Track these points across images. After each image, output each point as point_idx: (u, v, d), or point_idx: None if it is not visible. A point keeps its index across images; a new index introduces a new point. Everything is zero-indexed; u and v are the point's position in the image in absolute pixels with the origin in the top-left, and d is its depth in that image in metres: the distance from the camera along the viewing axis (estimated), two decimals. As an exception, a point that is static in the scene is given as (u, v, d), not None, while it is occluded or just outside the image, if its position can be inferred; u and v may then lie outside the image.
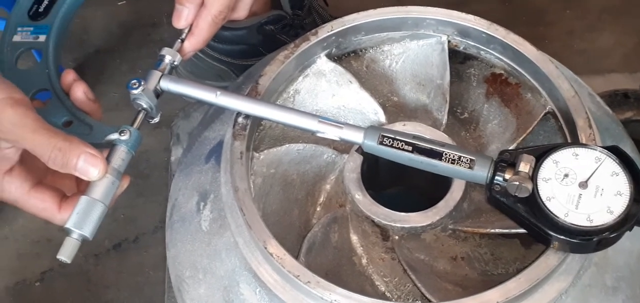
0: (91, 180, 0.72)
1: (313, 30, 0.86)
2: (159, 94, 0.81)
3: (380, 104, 0.87)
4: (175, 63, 0.83)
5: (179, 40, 0.85)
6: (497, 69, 0.88)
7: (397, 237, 0.81)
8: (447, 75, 0.86)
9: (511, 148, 0.80)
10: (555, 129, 0.83)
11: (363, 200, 0.81)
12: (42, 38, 0.84)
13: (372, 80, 0.91)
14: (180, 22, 0.85)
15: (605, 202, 0.68)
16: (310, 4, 1.32)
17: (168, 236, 0.84)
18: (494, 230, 0.78)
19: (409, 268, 0.77)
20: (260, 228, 0.72)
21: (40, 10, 0.86)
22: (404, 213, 0.79)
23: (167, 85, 0.80)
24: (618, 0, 1.57)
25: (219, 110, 0.88)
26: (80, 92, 0.79)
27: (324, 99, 0.88)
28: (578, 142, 0.76)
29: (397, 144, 0.74)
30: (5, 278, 1.28)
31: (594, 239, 0.67)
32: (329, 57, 0.87)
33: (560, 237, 0.68)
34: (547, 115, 0.83)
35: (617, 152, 0.70)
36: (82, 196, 0.72)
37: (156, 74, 0.81)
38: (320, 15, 1.33)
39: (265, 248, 0.71)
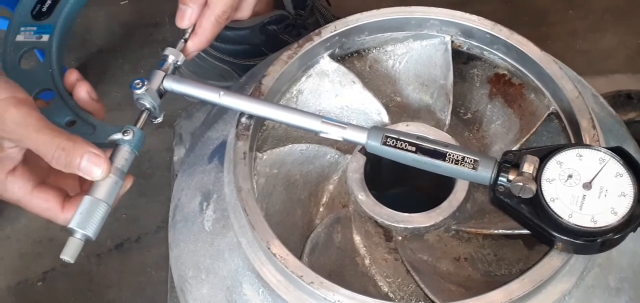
0: (94, 180, 0.72)
1: (316, 31, 0.86)
2: (162, 93, 0.81)
3: (383, 104, 0.87)
4: (179, 63, 0.83)
5: (182, 40, 0.85)
6: (501, 70, 0.87)
7: (400, 238, 0.80)
8: (450, 75, 0.86)
9: (515, 149, 0.80)
10: (559, 130, 0.83)
11: (366, 201, 0.80)
12: (45, 38, 0.84)
13: (375, 81, 0.91)
14: (184, 22, 0.85)
15: (609, 203, 0.68)
16: (313, 4, 1.32)
17: (171, 236, 0.84)
18: (497, 231, 0.78)
19: (412, 269, 0.77)
20: (263, 229, 0.72)
21: (44, 9, 0.86)
22: (407, 214, 0.79)
23: (171, 85, 0.80)
24: (621, 1, 1.56)
25: (222, 110, 0.88)
26: (83, 92, 0.79)
27: (327, 99, 0.88)
28: (582, 143, 0.76)
29: (401, 145, 0.74)
30: (7, 278, 1.27)
31: (598, 240, 0.67)
32: (332, 57, 0.87)
33: (564, 238, 0.68)
34: (550, 115, 0.83)
35: (621, 153, 0.70)
36: (85, 196, 0.72)
37: (159, 73, 0.81)
38: (323, 15, 1.33)
39: (268, 248, 0.71)
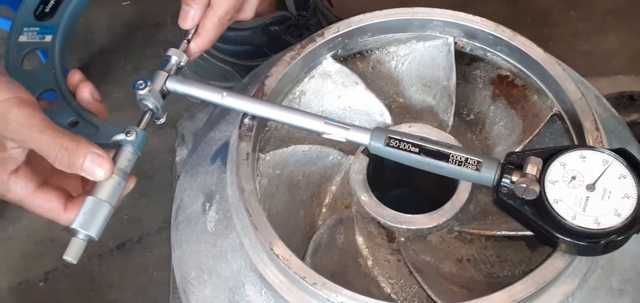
0: (97, 181, 0.72)
1: (319, 31, 0.86)
2: (165, 94, 0.81)
3: (386, 105, 0.87)
4: (182, 64, 0.83)
5: (185, 40, 0.85)
6: (504, 71, 0.87)
7: (403, 239, 0.80)
8: (453, 76, 0.86)
9: (518, 150, 0.80)
10: (562, 131, 0.83)
11: (369, 202, 0.80)
12: (48, 38, 0.84)
13: (378, 82, 0.90)
14: (187, 22, 0.85)
15: (612, 204, 0.68)
16: (315, 4, 1.32)
17: (173, 237, 0.84)
18: (500, 233, 0.78)
19: (415, 270, 0.77)
20: (266, 230, 0.72)
21: (47, 10, 0.86)
22: (410, 215, 0.79)
23: (174, 85, 0.80)
24: (623, 2, 1.56)
25: (225, 111, 0.88)
26: (86, 93, 0.79)
27: (330, 100, 0.88)
28: (585, 145, 0.76)
29: (404, 146, 0.74)
30: (9, 278, 1.27)
31: (601, 242, 0.67)
32: (335, 58, 0.87)
33: (567, 239, 0.68)
34: (553, 117, 0.83)
35: (624, 155, 0.70)
36: (88, 196, 0.72)
37: (162, 74, 0.81)
38: (325, 16, 1.33)
39: (271, 249, 0.71)
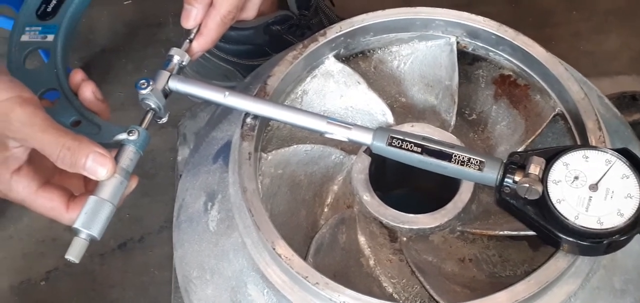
0: (100, 180, 0.72)
1: (321, 31, 0.86)
2: (167, 94, 0.81)
3: (388, 105, 0.87)
4: (184, 63, 0.83)
5: (187, 40, 0.85)
6: (506, 71, 0.87)
7: (405, 239, 0.80)
8: (455, 76, 0.86)
9: (520, 150, 0.80)
10: (564, 131, 0.83)
11: (371, 202, 0.80)
12: (50, 38, 0.84)
13: (380, 81, 0.90)
14: (189, 22, 0.85)
15: (615, 204, 0.68)
16: (317, 4, 1.32)
17: (175, 236, 0.84)
18: (503, 232, 0.78)
19: (417, 270, 0.77)
20: (268, 229, 0.72)
21: (49, 9, 0.86)
22: (412, 215, 0.79)
23: (176, 85, 0.80)
24: (624, 2, 1.56)
25: (227, 110, 0.87)
26: (88, 92, 0.79)
27: (332, 100, 0.88)
28: (588, 145, 0.76)
29: (406, 146, 0.74)
30: (10, 278, 1.27)
31: (604, 242, 0.67)
32: (337, 57, 0.87)
33: (570, 239, 0.68)
34: (556, 117, 0.83)
35: (627, 155, 0.70)
36: (90, 196, 0.72)
37: (165, 74, 0.81)
38: (327, 16, 1.33)
39: (273, 249, 0.71)
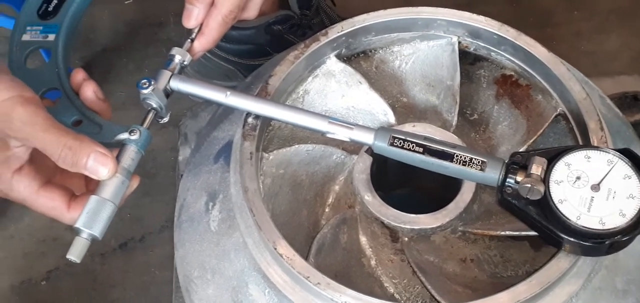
0: (101, 180, 0.72)
1: (323, 31, 0.85)
2: (168, 93, 0.81)
3: (389, 105, 0.87)
4: (185, 63, 0.83)
5: (189, 40, 0.85)
6: (508, 71, 0.87)
7: (406, 239, 0.80)
8: (457, 76, 0.86)
9: (522, 150, 0.80)
10: (566, 131, 0.83)
11: (372, 202, 0.80)
12: (51, 37, 0.84)
13: (381, 81, 0.90)
14: (191, 21, 0.85)
15: (617, 205, 0.68)
16: (318, 4, 1.32)
17: (176, 236, 0.84)
18: (504, 233, 0.78)
19: (419, 270, 0.77)
20: (270, 229, 0.72)
21: (50, 9, 0.86)
22: (413, 215, 0.79)
23: (177, 85, 0.80)
24: (626, 2, 1.56)
25: (228, 110, 0.87)
26: (90, 92, 0.79)
27: (334, 100, 0.88)
28: (590, 145, 0.75)
29: (408, 146, 0.74)
30: (11, 277, 1.27)
31: (606, 242, 0.67)
32: (339, 57, 0.87)
33: (572, 239, 0.68)
34: (557, 117, 0.82)
35: (629, 155, 0.70)
36: (92, 196, 0.72)
37: (166, 73, 0.81)
38: (328, 15, 1.33)
39: (274, 249, 0.71)
